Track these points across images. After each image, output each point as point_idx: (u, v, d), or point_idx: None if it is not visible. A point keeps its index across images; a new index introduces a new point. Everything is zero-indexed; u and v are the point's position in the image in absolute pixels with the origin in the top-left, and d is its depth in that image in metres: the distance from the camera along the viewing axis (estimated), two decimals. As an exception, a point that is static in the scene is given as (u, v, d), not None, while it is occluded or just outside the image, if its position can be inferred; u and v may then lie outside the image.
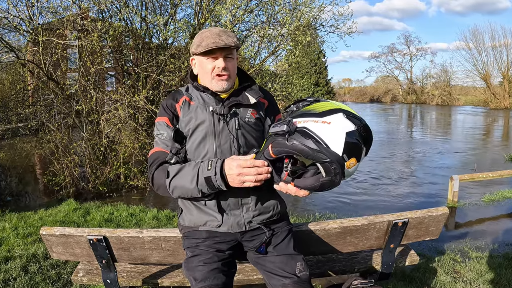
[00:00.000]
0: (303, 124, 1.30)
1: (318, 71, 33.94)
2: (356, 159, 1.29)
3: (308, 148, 1.25)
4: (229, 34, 1.51)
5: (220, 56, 1.50)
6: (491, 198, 5.46)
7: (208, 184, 1.41)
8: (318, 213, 4.95)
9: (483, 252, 3.45)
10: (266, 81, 8.03)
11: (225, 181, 1.40)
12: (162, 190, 1.50)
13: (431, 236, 2.15)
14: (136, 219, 4.60)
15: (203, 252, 1.55)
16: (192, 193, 1.45)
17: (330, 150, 1.24)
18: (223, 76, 1.53)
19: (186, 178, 1.44)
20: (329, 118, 1.30)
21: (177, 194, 1.48)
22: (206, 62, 1.52)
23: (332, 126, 1.28)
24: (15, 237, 3.82)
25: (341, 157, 1.25)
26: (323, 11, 7.70)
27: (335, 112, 1.32)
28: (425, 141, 12.63)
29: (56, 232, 1.87)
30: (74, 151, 6.31)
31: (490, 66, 34.51)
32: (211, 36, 1.48)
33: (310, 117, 1.32)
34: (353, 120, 1.31)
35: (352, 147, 1.27)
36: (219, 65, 1.51)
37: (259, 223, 1.59)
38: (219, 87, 1.54)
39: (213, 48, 1.46)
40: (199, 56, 1.54)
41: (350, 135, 1.27)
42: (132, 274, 2.12)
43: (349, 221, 1.99)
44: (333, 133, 1.26)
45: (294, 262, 1.57)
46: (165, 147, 1.54)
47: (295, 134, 1.28)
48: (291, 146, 1.27)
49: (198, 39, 1.52)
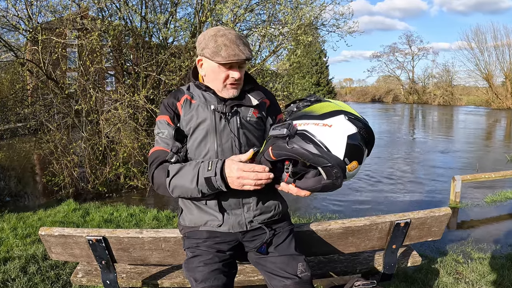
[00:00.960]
0: (304, 127, 1.28)
1: (319, 71, 33.95)
2: (357, 162, 1.27)
3: (309, 153, 1.23)
4: (245, 42, 1.49)
5: (235, 66, 1.49)
6: (494, 199, 5.43)
7: (208, 184, 1.40)
8: (320, 214, 4.94)
9: (486, 253, 3.44)
10: (267, 80, 8.02)
11: (225, 182, 1.39)
12: (162, 190, 1.49)
13: (434, 236, 2.14)
14: (136, 219, 4.59)
15: (203, 252, 1.55)
16: (192, 193, 1.44)
17: (331, 154, 1.22)
18: (235, 85, 1.52)
19: (186, 177, 1.42)
20: (330, 120, 1.28)
21: (177, 193, 1.47)
22: (219, 70, 1.49)
23: (333, 129, 1.26)
24: (14, 237, 3.81)
25: (343, 161, 1.23)
26: (325, 10, 7.70)
27: (336, 114, 1.30)
28: (427, 141, 12.62)
29: (55, 232, 1.86)
30: (73, 151, 6.30)
31: (493, 66, 34.42)
32: (230, 45, 1.43)
33: (311, 120, 1.30)
34: (354, 122, 1.29)
35: (353, 150, 1.25)
36: (234, 76, 1.48)
37: (260, 223, 1.58)
38: (230, 95, 1.53)
39: (234, 61, 1.44)
40: (212, 61, 1.48)
41: (351, 138, 1.25)
42: (131, 275, 2.11)
43: (351, 221, 1.99)
44: (334, 137, 1.24)
45: (296, 262, 1.56)
46: (166, 146, 1.53)
47: (295, 138, 1.26)
48: (291, 149, 1.25)
49: (213, 44, 1.45)
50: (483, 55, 34.99)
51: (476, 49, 35.36)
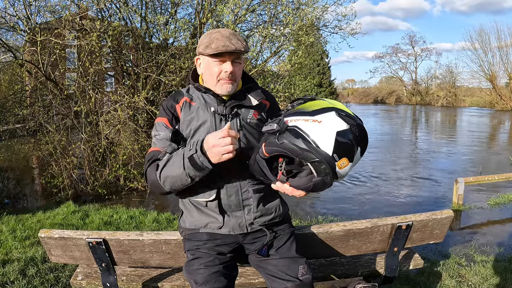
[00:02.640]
0: (294, 123, 1.29)
1: (321, 72, 33.57)
2: (348, 159, 1.26)
3: (297, 147, 1.23)
4: (239, 37, 1.50)
5: (228, 60, 1.49)
6: (497, 201, 5.39)
7: (193, 164, 1.38)
8: (321, 216, 4.91)
9: (489, 256, 3.41)
10: (268, 82, 8.00)
11: (207, 158, 1.37)
12: (155, 186, 1.49)
13: (436, 239, 2.14)
14: (136, 221, 4.56)
15: (204, 255, 1.55)
16: (182, 180, 1.42)
17: (319, 149, 1.22)
18: (229, 80, 1.51)
19: (174, 165, 1.43)
20: (320, 116, 1.29)
21: (168, 185, 1.45)
22: (213, 65, 1.50)
23: (323, 125, 1.26)
24: (13, 240, 3.79)
25: (331, 157, 1.22)
26: (327, 11, 7.68)
27: (327, 110, 1.31)
28: (429, 143, 12.60)
29: (55, 234, 1.86)
30: (72, 153, 6.26)
31: (496, 67, 34.13)
32: (222, 38, 1.46)
33: (301, 116, 1.31)
34: (345, 119, 1.29)
35: (343, 147, 1.24)
36: (226, 69, 1.49)
37: (261, 225, 1.59)
38: (224, 90, 1.53)
39: (223, 51, 1.44)
40: (206, 57, 1.51)
41: (341, 135, 1.24)
42: (132, 278, 2.10)
43: (353, 224, 1.98)
44: (323, 132, 1.24)
45: (297, 265, 1.57)
46: (162, 147, 1.53)
47: (285, 133, 1.27)
48: (281, 145, 1.26)
49: (207, 40, 1.49)
50: (487, 56, 34.75)
51: (480, 50, 35.11)
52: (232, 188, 1.54)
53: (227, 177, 1.53)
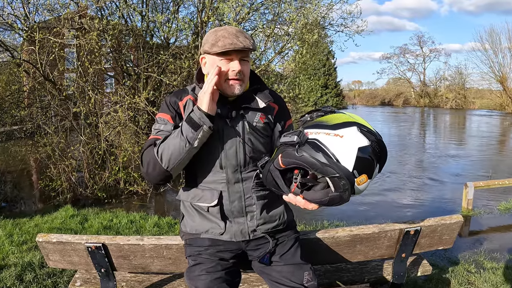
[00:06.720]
0: (315, 136, 1.29)
1: (327, 73, 33.11)
2: (367, 176, 1.27)
3: (317, 161, 1.23)
4: (246, 35, 1.45)
5: (236, 59, 1.43)
6: (508, 206, 5.30)
7: (191, 125, 1.38)
8: (327, 221, 4.84)
9: (499, 263, 3.35)
10: (272, 82, 7.97)
11: (204, 113, 1.38)
12: (152, 166, 1.42)
13: (445, 245, 2.12)
14: (136, 226, 4.51)
15: (206, 260, 1.52)
16: (180, 148, 1.38)
17: (340, 165, 1.22)
18: (237, 80, 1.45)
19: (172, 138, 1.41)
20: (342, 131, 1.29)
21: (166, 157, 1.40)
22: (220, 63, 1.44)
23: (345, 140, 1.26)
24: (10, 244, 3.73)
25: (351, 173, 1.23)
26: (332, 9, 7.64)
27: (349, 125, 1.31)
28: (438, 146, 12.52)
29: (53, 239, 1.84)
30: (71, 155, 6.20)
31: (507, 68, 33.05)
32: (228, 36, 1.41)
33: (323, 129, 1.31)
34: (367, 135, 1.30)
35: (363, 163, 1.25)
36: (234, 68, 1.43)
37: (263, 232, 1.56)
38: (231, 91, 1.46)
39: (231, 49, 1.39)
40: (212, 55, 1.45)
41: (362, 151, 1.25)
42: (132, 283, 2.08)
43: (359, 229, 1.97)
44: (345, 148, 1.25)
45: (302, 271, 1.55)
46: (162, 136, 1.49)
47: (305, 146, 1.27)
48: (300, 158, 1.25)
49: (212, 38, 1.43)
50: (497, 56, 33.65)
51: (490, 51, 33.90)
52: (235, 194, 1.51)
53: (231, 182, 1.50)
